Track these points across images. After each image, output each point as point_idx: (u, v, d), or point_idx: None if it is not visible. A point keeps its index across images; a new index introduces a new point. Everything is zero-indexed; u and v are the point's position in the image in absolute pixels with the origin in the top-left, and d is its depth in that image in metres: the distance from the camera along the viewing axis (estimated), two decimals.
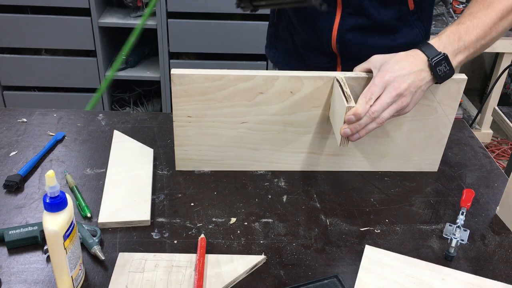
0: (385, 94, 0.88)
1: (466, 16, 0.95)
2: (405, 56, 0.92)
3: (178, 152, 1.04)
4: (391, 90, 0.87)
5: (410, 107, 0.90)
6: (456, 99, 1.00)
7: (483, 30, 0.93)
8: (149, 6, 1.44)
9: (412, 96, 0.89)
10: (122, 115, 1.25)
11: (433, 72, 0.90)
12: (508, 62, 2.71)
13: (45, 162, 1.07)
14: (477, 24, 0.93)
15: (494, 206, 1.01)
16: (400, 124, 1.03)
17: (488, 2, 0.95)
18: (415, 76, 0.89)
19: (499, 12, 0.94)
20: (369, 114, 0.87)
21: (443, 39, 0.93)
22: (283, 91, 0.97)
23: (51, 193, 0.70)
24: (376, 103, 0.87)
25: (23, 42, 2.52)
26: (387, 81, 0.88)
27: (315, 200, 1.00)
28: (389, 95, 0.87)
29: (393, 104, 0.88)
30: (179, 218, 0.94)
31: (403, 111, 0.90)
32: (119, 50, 2.75)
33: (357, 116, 0.86)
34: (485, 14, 0.94)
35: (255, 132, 1.02)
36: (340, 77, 0.94)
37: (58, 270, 0.74)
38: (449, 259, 0.87)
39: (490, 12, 0.94)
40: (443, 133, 1.05)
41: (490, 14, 0.94)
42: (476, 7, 0.95)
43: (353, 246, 0.90)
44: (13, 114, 1.23)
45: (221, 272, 0.82)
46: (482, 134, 2.95)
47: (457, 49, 0.92)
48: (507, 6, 0.94)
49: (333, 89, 0.96)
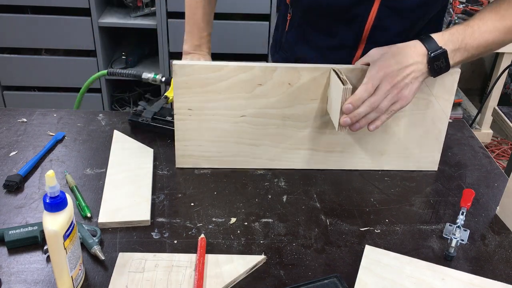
0: (381, 87, 0.90)
1: (476, 21, 0.95)
2: (403, 47, 0.93)
3: (179, 147, 1.05)
4: (386, 84, 0.90)
5: (409, 97, 0.92)
6: (451, 91, 1.01)
7: (487, 40, 0.94)
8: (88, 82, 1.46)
9: (410, 87, 0.91)
10: (122, 115, 1.25)
11: (430, 65, 0.92)
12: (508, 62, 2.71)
13: (45, 162, 1.07)
14: (484, 32, 0.94)
15: (494, 206, 1.01)
16: (397, 119, 1.03)
17: (500, 15, 0.95)
18: (411, 69, 0.91)
19: (507, 28, 0.95)
20: (366, 103, 0.89)
21: (446, 36, 0.93)
22: (281, 82, 0.98)
23: (51, 193, 0.70)
24: (372, 95, 0.90)
25: (23, 42, 2.52)
26: (383, 75, 0.90)
27: (315, 200, 1.00)
28: (384, 87, 0.90)
29: (389, 94, 0.90)
30: (179, 218, 0.94)
31: (404, 101, 0.91)
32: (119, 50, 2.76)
33: (354, 104, 0.89)
34: (494, 26, 0.95)
35: (254, 126, 1.03)
36: (336, 67, 0.96)
37: (58, 270, 0.74)
38: (449, 259, 0.87)
39: (499, 26, 0.95)
40: (440, 128, 1.06)
41: (499, 27, 0.95)
42: (488, 15, 0.96)
43: (353, 246, 0.90)
44: (13, 114, 1.23)
45: (221, 272, 0.82)
46: (482, 134, 2.95)
47: (457, 49, 0.93)
48: None
49: (330, 79, 0.98)
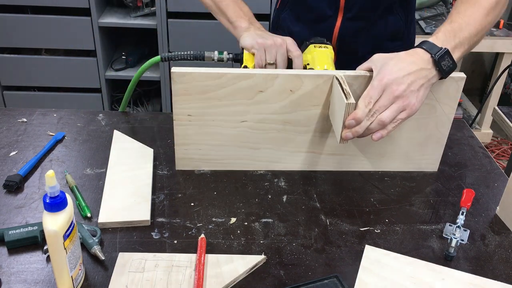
0: (384, 97, 0.88)
1: (455, 15, 0.98)
2: (405, 56, 0.92)
3: (178, 151, 1.04)
4: (389, 93, 0.88)
5: (417, 105, 0.90)
6: (455, 98, 1.00)
7: (475, 27, 0.96)
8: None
9: (416, 95, 0.89)
10: (122, 115, 1.25)
11: (438, 67, 0.91)
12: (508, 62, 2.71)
13: (45, 162, 1.07)
14: (468, 22, 0.96)
15: (494, 206, 1.01)
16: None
17: (473, 1, 0.98)
18: (415, 76, 0.89)
19: (485, 9, 0.98)
20: (369, 116, 0.88)
21: (440, 37, 0.94)
22: (283, 89, 0.97)
23: (51, 193, 0.70)
24: (375, 106, 0.88)
25: (23, 42, 2.52)
26: (385, 84, 0.88)
27: (315, 200, 1.00)
28: (387, 97, 0.88)
29: (394, 104, 0.88)
30: (179, 218, 0.94)
31: (411, 110, 0.90)
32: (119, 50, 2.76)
33: (357, 121, 0.87)
34: (473, 12, 0.97)
35: (255, 131, 1.02)
36: (339, 75, 0.94)
37: (58, 270, 0.74)
38: (449, 259, 0.87)
39: (477, 10, 0.98)
40: (442, 133, 1.05)
41: (478, 11, 0.97)
42: (462, 6, 0.99)
43: (353, 246, 0.90)
44: (13, 114, 1.23)
45: (221, 272, 0.82)
46: (482, 134, 2.95)
47: (455, 45, 0.94)
48: (490, 3, 0.98)
49: (333, 87, 0.96)
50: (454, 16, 0.98)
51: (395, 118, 0.89)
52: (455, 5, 1.01)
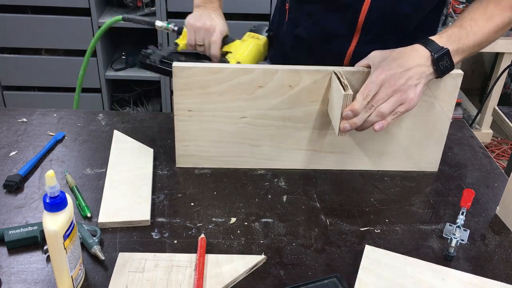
0: (382, 91, 0.89)
1: (467, 21, 0.97)
2: (404, 51, 0.93)
3: (179, 147, 1.05)
4: (387, 87, 0.89)
5: (415, 99, 0.91)
6: (453, 94, 1.01)
7: (480, 39, 0.97)
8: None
9: (414, 90, 0.90)
10: (122, 115, 1.25)
11: (436, 66, 0.91)
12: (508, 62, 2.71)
13: (45, 162, 1.07)
14: (477, 32, 0.96)
15: (494, 206, 1.01)
16: (399, 121, 1.03)
17: (489, 14, 0.98)
18: (413, 71, 0.90)
19: (497, 26, 0.98)
20: (367, 109, 0.89)
21: (444, 38, 0.94)
22: (282, 85, 0.98)
23: (51, 193, 0.70)
24: (373, 99, 0.89)
25: (23, 42, 2.52)
26: (384, 78, 0.89)
27: (315, 200, 1.00)
28: (385, 91, 0.89)
29: (392, 97, 0.89)
30: (179, 218, 0.94)
31: (409, 104, 0.90)
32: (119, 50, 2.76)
33: (354, 112, 0.88)
34: (485, 25, 0.97)
35: (255, 127, 1.03)
36: (338, 70, 0.96)
37: (58, 270, 0.74)
38: (449, 259, 0.87)
39: (489, 24, 0.98)
40: (441, 131, 1.06)
41: (489, 26, 0.98)
42: (477, 15, 0.98)
43: (353, 246, 0.90)
44: (13, 114, 1.23)
45: (221, 272, 0.82)
46: (482, 134, 2.95)
47: (456, 49, 0.94)
48: (503, 21, 0.99)
49: (331, 82, 0.97)
50: (466, 21, 0.97)
51: (394, 111, 0.90)
52: (471, 9, 1.00)
